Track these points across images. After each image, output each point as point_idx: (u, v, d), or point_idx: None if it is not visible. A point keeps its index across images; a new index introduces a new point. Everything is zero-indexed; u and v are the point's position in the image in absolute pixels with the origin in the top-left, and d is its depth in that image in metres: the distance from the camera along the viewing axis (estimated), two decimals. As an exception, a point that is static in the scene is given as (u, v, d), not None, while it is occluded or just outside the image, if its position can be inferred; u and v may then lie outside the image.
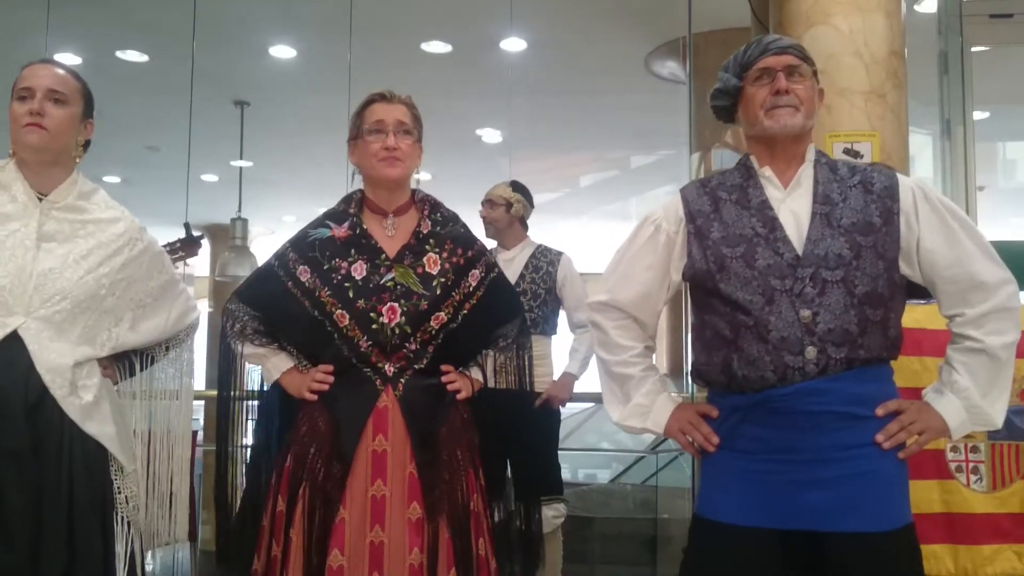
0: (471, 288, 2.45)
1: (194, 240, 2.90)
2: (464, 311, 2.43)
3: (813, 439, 1.97)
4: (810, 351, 1.96)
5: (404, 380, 2.35)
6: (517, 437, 3.86)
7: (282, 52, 6.91)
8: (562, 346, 4.12)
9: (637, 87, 7.24)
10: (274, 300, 2.42)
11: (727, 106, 2.18)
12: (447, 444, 2.37)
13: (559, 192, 10.71)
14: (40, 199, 2.27)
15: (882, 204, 2.04)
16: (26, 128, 2.24)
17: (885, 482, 1.99)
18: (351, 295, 2.34)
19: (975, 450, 2.53)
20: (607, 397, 2.24)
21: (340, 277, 2.35)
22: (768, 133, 2.08)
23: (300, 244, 2.44)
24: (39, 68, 2.31)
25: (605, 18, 6.20)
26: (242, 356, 2.47)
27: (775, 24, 4.36)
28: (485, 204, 4.13)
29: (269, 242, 2.55)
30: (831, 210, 2.04)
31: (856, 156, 3.97)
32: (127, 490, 2.32)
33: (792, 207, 2.07)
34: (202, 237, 2.96)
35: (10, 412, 2.13)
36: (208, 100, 7.06)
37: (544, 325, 3.98)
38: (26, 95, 2.26)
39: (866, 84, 4.08)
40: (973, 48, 5.67)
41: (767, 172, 2.11)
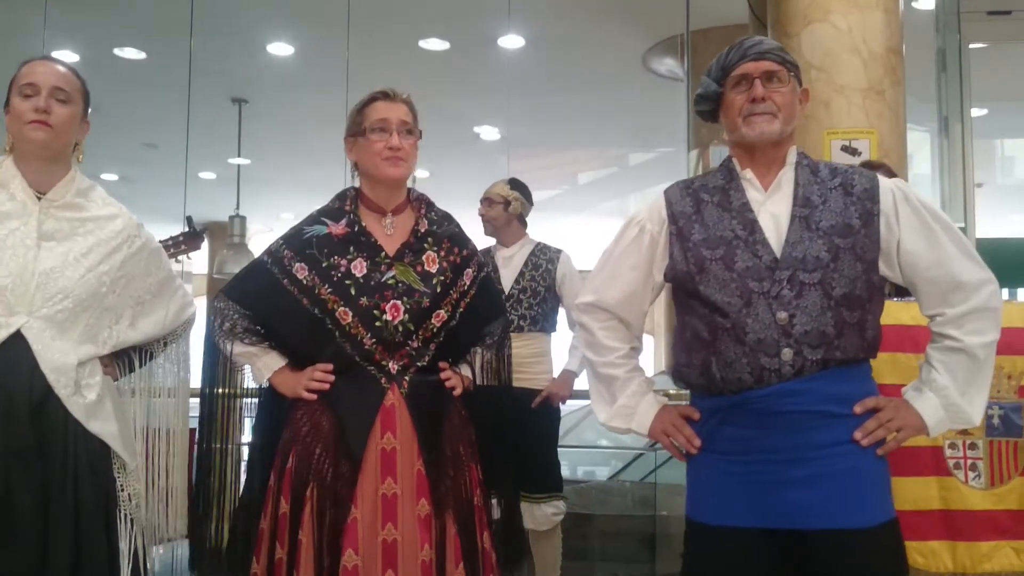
0: (466, 287, 2.46)
1: (197, 234, 2.91)
2: (460, 309, 2.44)
3: (791, 439, 1.98)
4: (786, 353, 1.97)
5: (408, 377, 2.35)
6: (516, 434, 3.90)
7: (280, 49, 6.91)
8: (562, 343, 4.11)
9: (635, 84, 7.24)
10: (267, 298, 2.40)
11: (710, 110, 2.19)
12: (450, 440, 2.38)
13: (558, 189, 10.72)
14: (38, 197, 2.25)
15: (862, 206, 2.05)
16: (31, 125, 2.21)
17: (864, 479, 2.00)
18: (353, 292, 2.32)
19: (973, 447, 2.53)
20: (594, 397, 2.27)
21: (340, 275, 2.34)
22: (746, 140, 2.10)
23: (295, 241, 2.41)
24: (42, 65, 2.29)
25: (603, 15, 6.20)
26: (232, 355, 2.43)
27: (773, 21, 4.36)
28: (483, 202, 4.13)
29: (267, 239, 2.57)
30: (810, 213, 2.05)
31: (854, 153, 3.97)
32: (130, 487, 2.31)
33: (772, 210, 2.08)
34: (205, 231, 2.97)
35: (15, 412, 2.12)
36: (206, 97, 7.06)
37: (543, 323, 3.98)
38: (30, 92, 2.22)
39: (864, 81, 4.09)
40: (971, 45, 5.68)
41: (748, 174, 2.12)
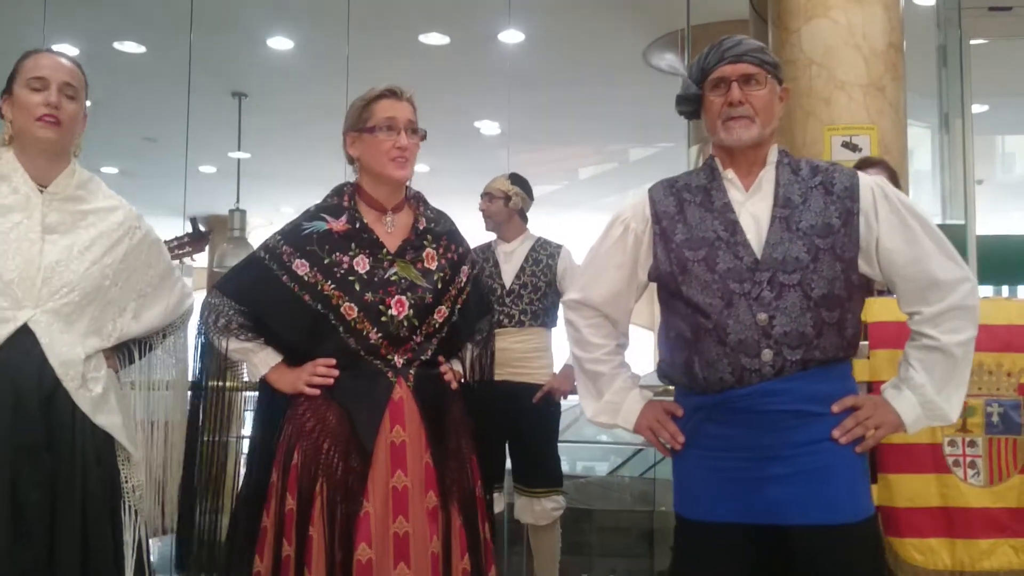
0: (462, 283, 2.48)
1: (201, 235, 2.91)
2: (458, 305, 2.46)
3: (772, 437, 2.01)
4: (766, 353, 2.00)
5: (413, 371, 2.36)
6: (516, 429, 3.90)
7: (280, 44, 6.90)
8: (562, 338, 4.10)
9: (635, 79, 7.23)
10: (264, 293, 2.38)
11: (691, 110, 2.20)
12: (453, 433, 2.41)
13: (558, 184, 10.71)
14: (40, 190, 2.24)
15: (842, 205, 2.06)
16: (41, 123, 2.20)
17: (843, 476, 2.02)
18: (357, 288, 2.33)
19: (973, 445, 2.52)
20: (581, 392, 2.30)
21: (343, 271, 2.34)
22: (725, 145, 2.12)
23: (294, 237, 2.40)
24: (49, 58, 2.27)
25: (603, 10, 6.19)
26: (227, 351, 2.42)
27: (774, 17, 4.35)
28: (484, 197, 4.12)
29: (267, 233, 2.55)
30: (791, 213, 2.06)
31: (855, 149, 3.97)
32: (134, 479, 2.32)
33: (752, 210, 2.09)
34: (209, 233, 2.97)
35: (25, 407, 2.12)
36: (206, 91, 7.05)
37: (544, 318, 3.98)
38: (39, 86, 2.21)
39: (865, 77, 4.08)
40: (972, 41, 5.67)
41: (730, 175, 2.13)
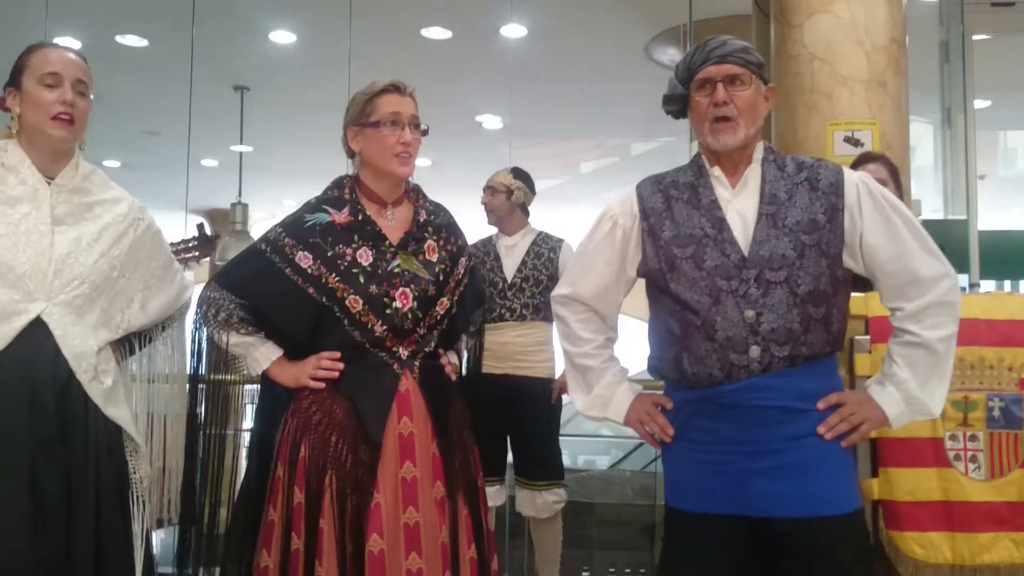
0: (461, 275, 2.50)
1: (209, 240, 2.91)
2: (456, 297, 2.48)
3: (759, 432, 2.04)
4: (754, 350, 2.03)
5: (418, 363, 2.38)
6: (518, 422, 3.92)
7: (282, 37, 6.89)
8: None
9: (637, 74, 7.22)
10: (266, 287, 2.38)
11: (678, 109, 2.21)
12: (456, 424, 2.43)
13: (560, 179, 10.70)
14: (47, 182, 2.24)
15: (827, 200, 2.08)
16: (55, 121, 2.20)
17: (828, 470, 2.05)
18: (362, 280, 2.33)
19: (973, 439, 2.53)
20: (571, 386, 2.32)
21: (347, 263, 2.34)
22: (711, 148, 2.14)
23: (296, 229, 2.39)
24: (57, 53, 2.26)
25: (606, 5, 6.18)
26: (227, 345, 2.41)
27: (776, 11, 4.35)
28: (486, 191, 4.13)
29: (269, 226, 2.54)
30: (777, 210, 2.08)
31: (857, 144, 3.97)
32: (142, 469, 2.33)
33: (739, 207, 2.11)
34: (217, 237, 2.97)
35: (40, 400, 2.12)
36: (208, 85, 7.05)
37: (546, 312, 3.98)
38: (53, 83, 2.21)
39: (867, 72, 4.07)
40: (974, 36, 5.67)
41: (716, 172, 2.15)
